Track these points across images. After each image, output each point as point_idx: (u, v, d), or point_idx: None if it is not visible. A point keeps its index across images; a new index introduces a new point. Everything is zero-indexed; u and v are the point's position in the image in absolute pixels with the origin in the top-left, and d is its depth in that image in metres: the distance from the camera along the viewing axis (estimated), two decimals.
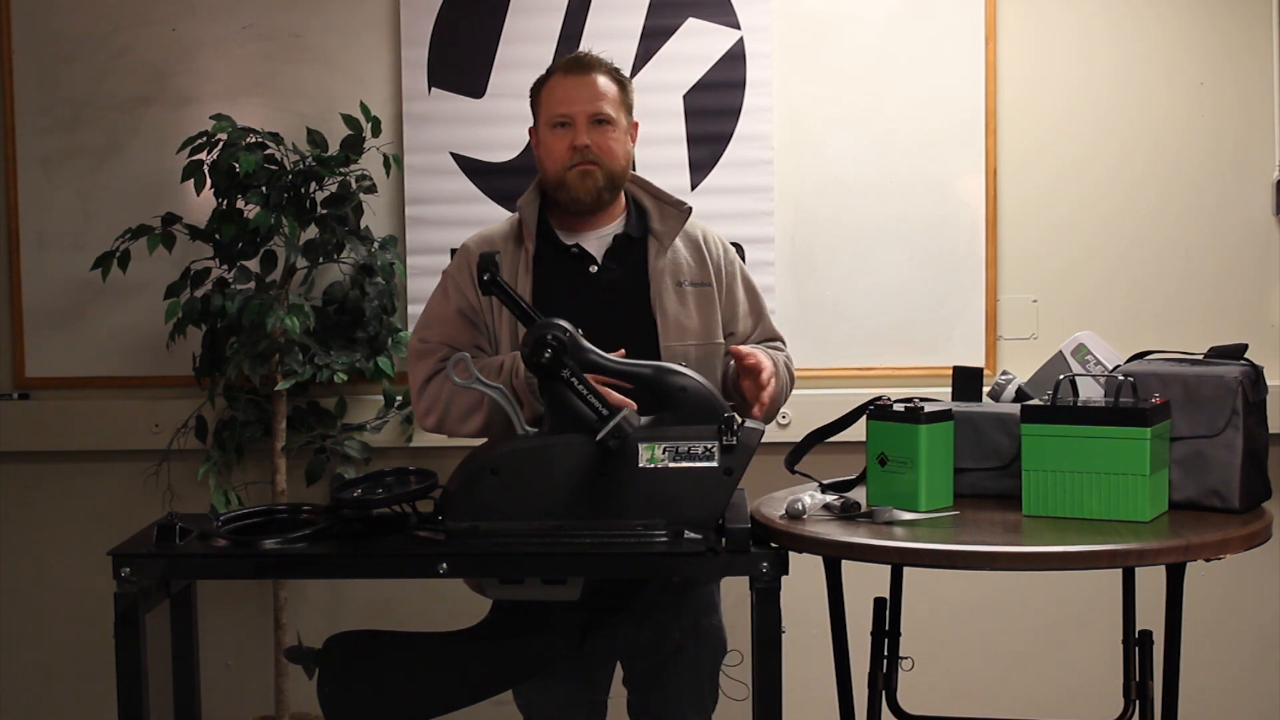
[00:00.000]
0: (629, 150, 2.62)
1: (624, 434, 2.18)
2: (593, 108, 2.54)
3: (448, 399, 2.51)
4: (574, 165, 2.54)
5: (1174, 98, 3.54)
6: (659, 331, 2.54)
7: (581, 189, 2.55)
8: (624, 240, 2.61)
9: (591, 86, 2.55)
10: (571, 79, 2.56)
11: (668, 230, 2.61)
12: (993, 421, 2.36)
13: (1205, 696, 3.46)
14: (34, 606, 3.66)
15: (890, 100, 3.53)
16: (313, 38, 3.56)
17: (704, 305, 2.60)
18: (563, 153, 2.54)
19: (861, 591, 2.56)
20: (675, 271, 2.59)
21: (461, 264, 2.62)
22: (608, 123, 2.55)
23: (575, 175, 2.54)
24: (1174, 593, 2.44)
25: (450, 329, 2.57)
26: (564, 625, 2.32)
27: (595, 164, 2.54)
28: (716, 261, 2.65)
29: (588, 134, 2.53)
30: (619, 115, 2.58)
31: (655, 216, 2.63)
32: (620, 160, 2.58)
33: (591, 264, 2.58)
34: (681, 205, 2.65)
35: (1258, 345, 2.80)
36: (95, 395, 3.59)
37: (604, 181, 2.56)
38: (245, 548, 2.24)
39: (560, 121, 2.55)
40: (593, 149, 2.53)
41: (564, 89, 2.56)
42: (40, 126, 3.57)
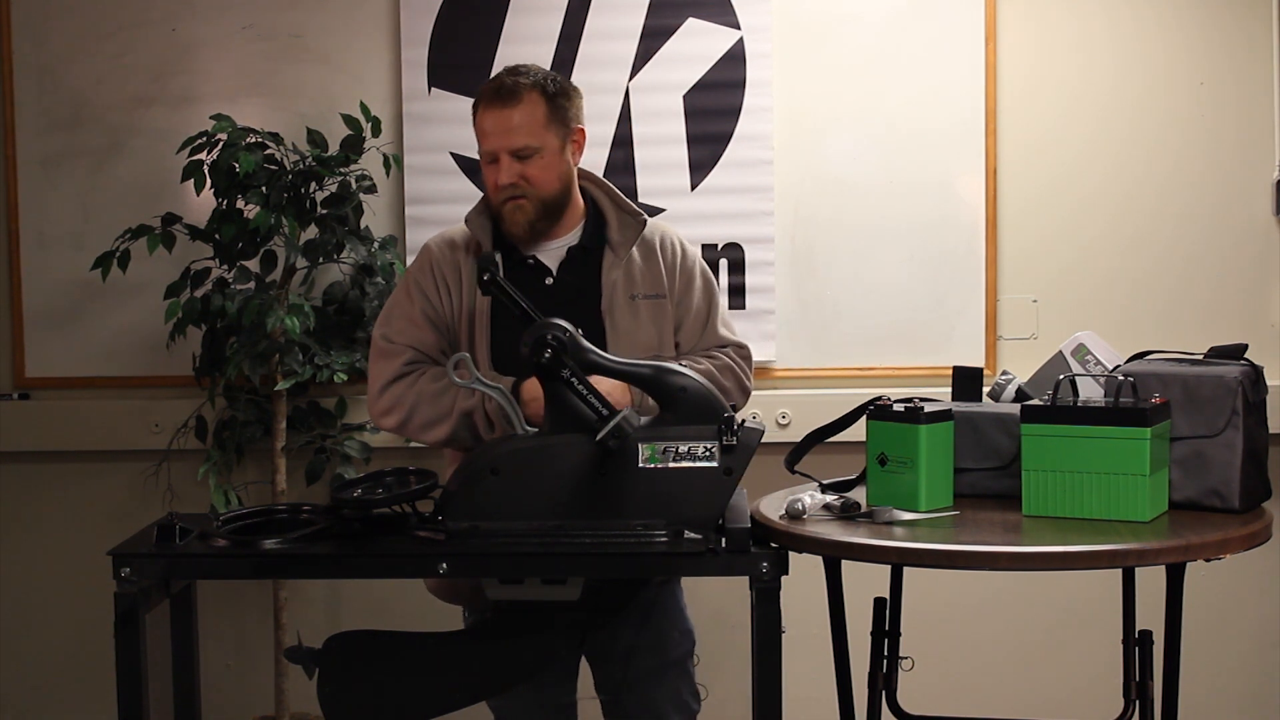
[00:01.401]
0: (565, 169, 2.56)
1: (624, 434, 2.18)
2: (513, 143, 2.49)
3: (413, 404, 2.50)
4: (505, 200, 2.52)
5: (1174, 98, 3.54)
6: (608, 343, 2.52)
7: (514, 223, 2.54)
8: (579, 251, 2.59)
9: (510, 120, 2.49)
10: (493, 112, 2.51)
11: (624, 240, 2.59)
12: (993, 421, 2.36)
13: (1205, 696, 3.46)
14: (34, 606, 3.66)
15: (890, 100, 3.53)
16: (313, 38, 3.56)
17: (657, 317, 2.58)
18: (493, 187, 2.53)
19: (861, 591, 2.56)
20: (629, 284, 2.57)
21: (424, 265, 2.60)
22: (533, 153, 2.50)
23: (509, 210, 2.53)
24: (1174, 593, 2.44)
25: (415, 331, 2.56)
26: (564, 625, 2.32)
27: (524, 197, 2.51)
28: (671, 269, 2.61)
29: (511, 170, 2.50)
30: (546, 139, 2.51)
31: (614, 225, 2.60)
32: (553, 185, 2.53)
33: (547, 276, 2.58)
34: (638, 215, 2.62)
35: (1258, 345, 2.80)
36: (95, 395, 3.59)
37: (535, 213, 2.53)
38: (245, 548, 2.24)
39: (488, 159, 2.53)
40: (519, 184, 2.51)
41: (488, 122, 2.52)
42: (40, 126, 3.57)
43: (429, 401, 2.49)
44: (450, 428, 2.49)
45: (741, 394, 2.62)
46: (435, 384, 2.50)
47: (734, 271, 3.52)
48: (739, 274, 3.51)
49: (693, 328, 2.62)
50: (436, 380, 2.51)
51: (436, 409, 2.48)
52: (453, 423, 2.48)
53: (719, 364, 2.59)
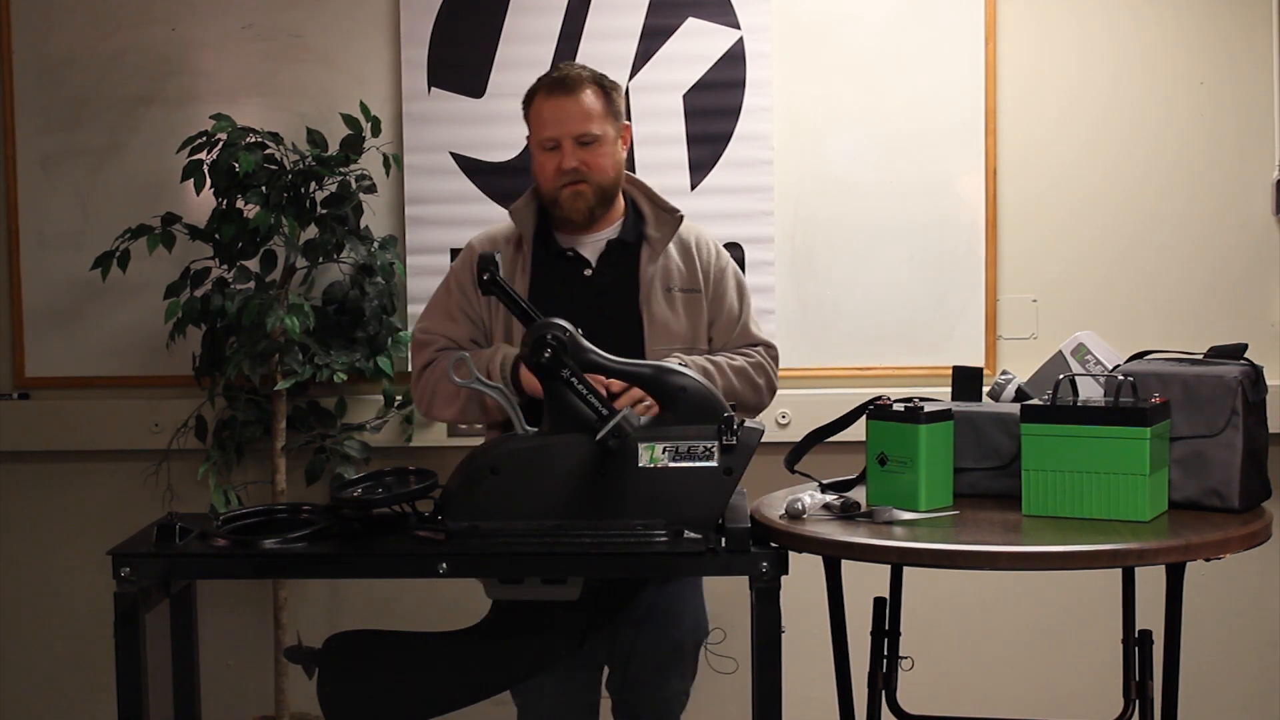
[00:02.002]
0: (619, 159, 2.67)
1: (624, 434, 2.19)
2: (577, 129, 2.59)
3: (434, 386, 2.61)
4: (564, 185, 2.61)
5: (1174, 98, 3.54)
6: (645, 335, 2.60)
7: (573, 209, 2.62)
8: (618, 245, 2.67)
9: (575, 106, 2.59)
10: (555, 100, 2.61)
11: (661, 236, 2.68)
12: (993, 421, 2.36)
13: (1205, 696, 3.46)
14: (34, 606, 3.66)
15: (890, 100, 3.53)
16: (313, 38, 3.56)
17: (691, 310, 2.66)
18: (553, 173, 2.61)
19: (861, 591, 2.56)
20: (666, 277, 2.66)
21: (465, 262, 2.70)
22: (594, 140, 2.60)
23: (567, 196, 2.61)
24: (1174, 593, 2.44)
25: (449, 324, 2.66)
26: (564, 625, 2.32)
27: (584, 182, 2.60)
28: (706, 267, 2.70)
29: (574, 155, 2.59)
30: (605, 128, 2.62)
31: (651, 222, 2.69)
32: (610, 173, 2.63)
33: (586, 268, 2.66)
34: (675, 212, 2.70)
35: (1258, 345, 2.80)
36: (95, 395, 3.59)
37: (595, 198, 2.62)
38: (245, 548, 2.24)
39: (548, 145, 2.61)
40: (581, 169, 2.60)
41: (549, 110, 2.61)
42: (40, 126, 3.57)
43: (444, 378, 2.56)
44: (460, 403, 2.57)
45: (769, 393, 2.71)
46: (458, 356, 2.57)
47: None
48: None
49: (726, 325, 2.70)
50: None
51: (449, 388, 2.56)
52: (462, 398, 2.56)
53: (753, 362, 2.68)
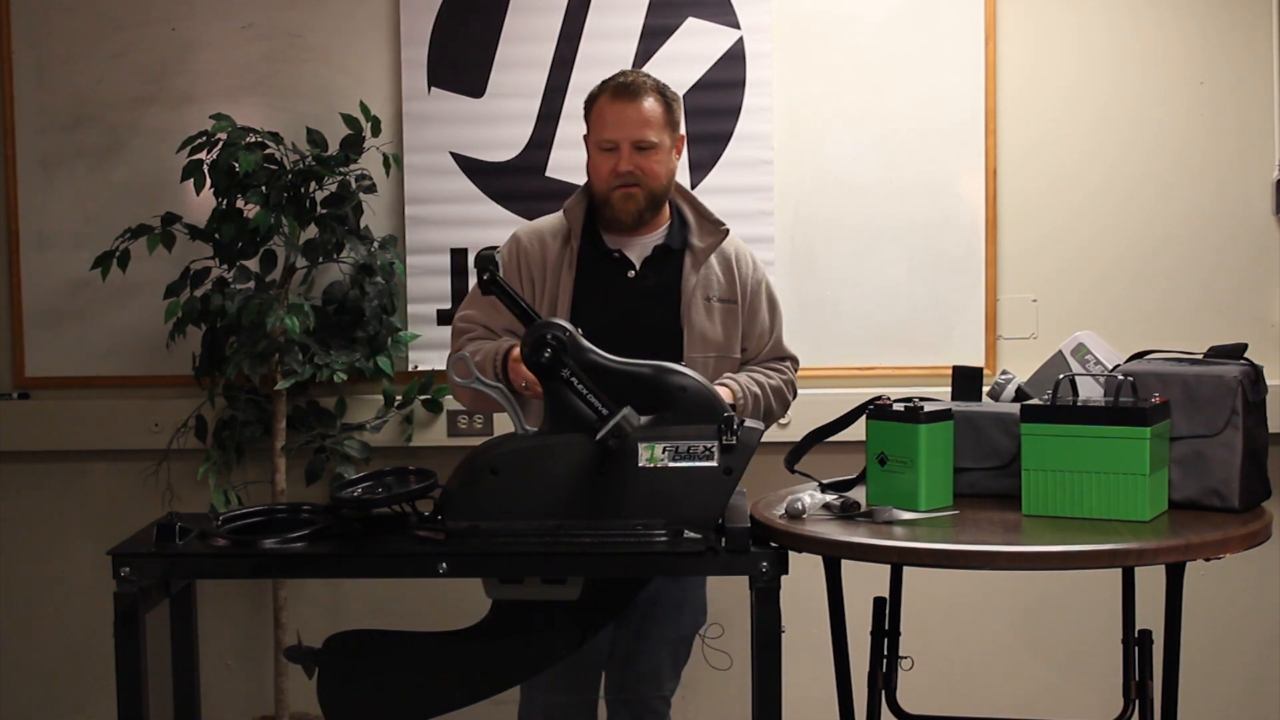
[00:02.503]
0: (672, 167, 2.74)
1: (624, 434, 2.19)
2: (637, 134, 2.66)
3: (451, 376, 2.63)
4: (617, 187, 2.68)
5: (1174, 97, 3.54)
6: (685, 341, 2.67)
7: (624, 210, 2.69)
8: (663, 251, 2.74)
9: (637, 112, 2.66)
10: (618, 104, 2.68)
11: (705, 247, 2.75)
12: (992, 421, 2.36)
13: (1205, 696, 3.46)
14: (34, 606, 3.66)
15: (890, 100, 3.53)
16: (313, 38, 3.56)
17: (728, 321, 2.74)
18: (608, 174, 2.68)
19: (861, 591, 2.56)
20: (706, 287, 2.73)
21: (510, 252, 2.76)
22: (651, 147, 2.67)
23: (619, 197, 2.69)
24: (1174, 592, 2.44)
25: (491, 311, 2.69)
26: (564, 625, 2.32)
27: (638, 185, 2.67)
28: (745, 280, 2.78)
29: (631, 159, 2.66)
30: (663, 137, 2.68)
31: (695, 232, 2.76)
32: (662, 180, 2.71)
33: (630, 269, 2.72)
34: (720, 225, 2.78)
35: (1258, 345, 2.80)
36: (95, 395, 3.59)
37: (645, 202, 2.69)
38: (245, 548, 2.24)
39: (606, 146, 2.68)
40: (635, 173, 2.67)
41: (611, 113, 2.68)
42: (40, 126, 3.57)
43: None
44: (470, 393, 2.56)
45: (786, 408, 2.83)
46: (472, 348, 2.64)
47: None
48: None
49: (759, 339, 2.80)
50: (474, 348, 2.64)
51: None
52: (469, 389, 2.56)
53: (785, 379, 2.79)
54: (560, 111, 3.50)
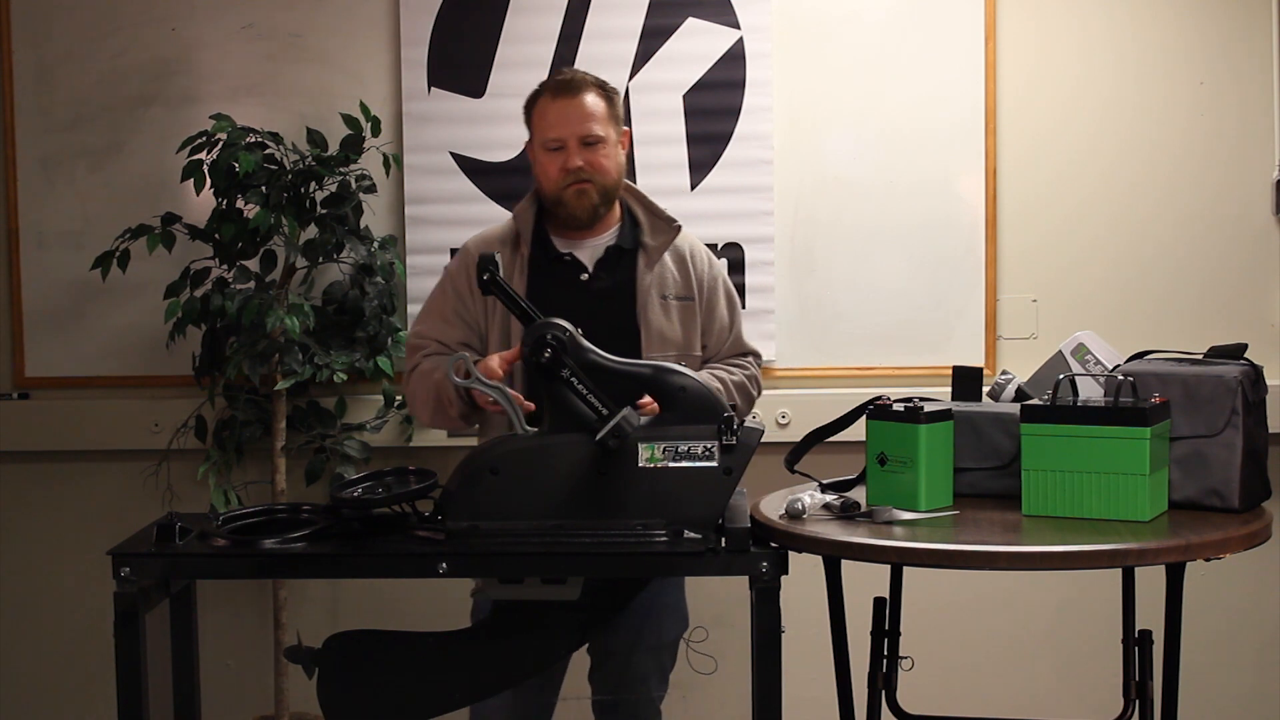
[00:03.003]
0: (621, 161, 2.72)
1: (624, 434, 2.19)
2: (583, 130, 2.64)
3: (413, 392, 2.68)
4: (569, 185, 2.66)
5: (1174, 97, 3.54)
6: (642, 341, 2.65)
7: (578, 207, 2.67)
8: (615, 251, 2.72)
9: (580, 108, 2.65)
10: (560, 102, 2.66)
11: (658, 244, 2.72)
12: (992, 421, 2.36)
13: (1205, 696, 3.46)
14: (34, 606, 3.66)
15: (890, 100, 3.53)
16: (313, 38, 3.56)
17: (686, 318, 2.71)
18: (557, 173, 2.66)
19: (861, 591, 2.56)
20: (661, 285, 2.70)
21: (461, 265, 2.74)
22: (598, 141, 2.65)
23: (571, 194, 2.66)
24: (1174, 593, 2.44)
25: (443, 326, 2.70)
26: (564, 625, 2.32)
27: (589, 182, 2.66)
28: (700, 276, 2.75)
29: (579, 155, 2.64)
30: (609, 130, 2.68)
31: (647, 230, 2.74)
32: (613, 174, 2.69)
33: (583, 272, 2.70)
34: (672, 222, 2.75)
35: (1258, 345, 2.79)
36: (95, 395, 3.59)
37: (599, 197, 2.68)
38: (245, 548, 2.24)
39: (553, 146, 2.65)
40: (586, 169, 2.65)
41: (554, 112, 2.66)
42: (40, 126, 3.57)
43: (421, 382, 2.65)
44: (430, 409, 2.64)
45: (751, 404, 2.80)
46: (429, 365, 2.66)
47: (734, 271, 3.51)
48: (739, 274, 3.51)
49: (719, 335, 2.78)
50: (432, 364, 2.65)
51: (424, 389, 2.64)
52: (432, 404, 2.63)
53: (748, 375, 2.78)
54: None
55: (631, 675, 2.77)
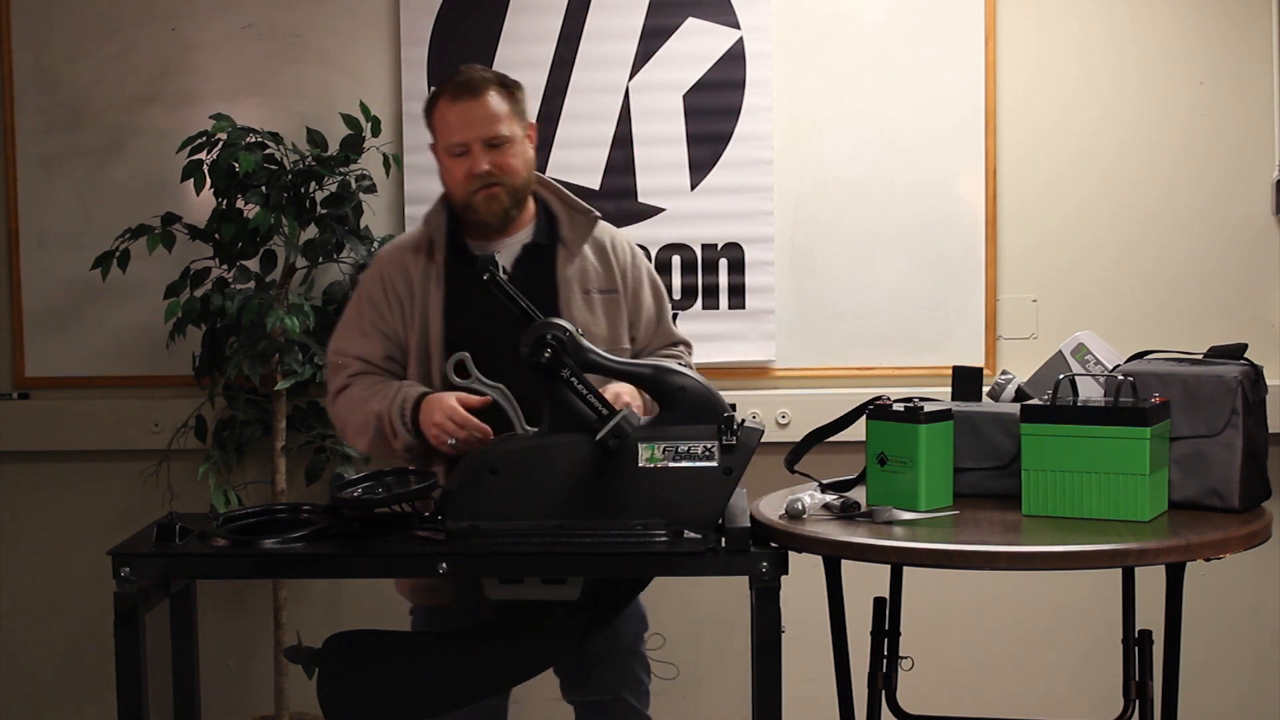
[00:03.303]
0: (529, 158, 2.63)
1: (624, 434, 2.19)
2: (487, 132, 2.54)
3: (345, 416, 2.60)
4: (477, 190, 2.56)
5: (1174, 97, 3.54)
6: None
7: (488, 212, 2.58)
8: (533, 249, 2.63)
9: (482, 109, 2.55)
10: (461, 104, 2.55)
11: (576, 237, 2.64)
12: (992, 421, 2.36)
13: (1205, 696, 3.46)
14: (34, 606, 3.66)
15: (890, 100, 3.53)
16: (313, 38, 3.56)
17: (611, 311, 2.64)
18: (464, 178, 2.56)
19: (861, 591, 2.56)
20: (583, 279, 2.63)
21: (375, 276, 2.66)
22: (505, 142, 2.56)
23: (481, 200, 2.57)
24: (1174, 593, 2.44)
25: (362, 343, 2.61)
26: (564, 625, 2.32)
27: (498, 185, 2.56)
28: (623, 267, 2.68)
29: (485, 158, 2.55)
30: (514, 129, 2.58)
31: (564, 223, 2.66)
32: (522, 173, 2.60)
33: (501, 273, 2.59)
34: (590, 212, 2.68)
35: (1258, 345, 2.79)
36: (95, 395, 3.59)
37: (509, 200, 2.59)
38: (245, 548, 2.24)
39: (457, 151, 2.56)
40: (494, 172, 2.55)
41: (455, 115, 2.56)
42: (40, 126, 3.57)
43: (355, 409, 2.56)
44: (370, 438, 2.56)
45: None
46: (363, 392, 2.57)
47: (734, 271, 3.52)
48: (739, 274, 3.51)
49: (648, 328, 2.71)
50: (364, 389, 2.57)
51: (359, 419, 2.56)
52: (371, 433, 2.55)
53: (683, 364, 2.64)
54: (560, 111, 3.50)
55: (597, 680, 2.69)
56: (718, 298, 3.52)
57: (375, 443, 2.55)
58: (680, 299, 3.52)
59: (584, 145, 3.51)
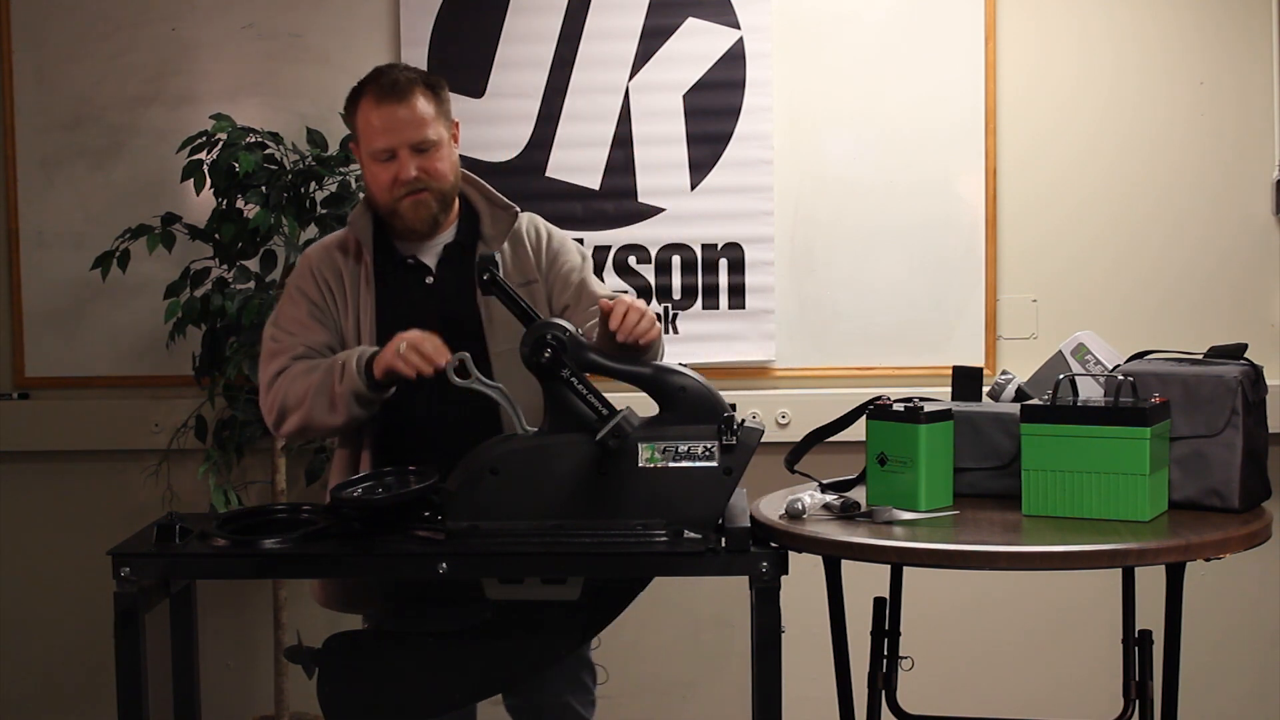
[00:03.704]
0: (455, 160, 2.57)
1: (624, 434, 2.18)
2: (414, 137, 2.48)
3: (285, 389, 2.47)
4: (404, 196, 2.49)
5: (1174, 97, 3.54)
6: (485, 336, 2.52)
7: (415, 219, 2.52)
8: (456, 249, 2.59)
9: (408, 113, 2.47)
10: (385, 108, 2.47)
11: (497, 234, 2.59)
12: (992, 421, 2.36)
13: (1205, 696, 3.46)
14: (34, 606, 3.66)
15: (890, 100, 3.53)
16: (313, 38, 3.56)
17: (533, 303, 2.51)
18: (390, 183, 2.49)
19: (861, 591, 2.56)
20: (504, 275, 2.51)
21: (304, 271, 2.59)
22: (432, 146, 2.49)
23: (408, 206, 2.50)
24: (1174, 593, 2.44)
25: (306, 332, 2.54)
26: (564, 625, 2.32)
27: (426, 190, 2.50)
28: (537, 250, 2.62)
29: (412, 163, 2.48)
30: (440, 131, 2.51)
31: (486, 220, 2.61)
32: (449, 177, 2.54)
33: (428, 275, 2.57)
34: (510, 207, 2.62)
35: (1258, 345, 2.79)
36: (95, 395, 3.59)
37: (438, 205, 2.53)
38: (245, 548, 2.24)
39: (383, 156, 2.49)
40: (421, 178, 2.49)
41: (380, 119, 2.48)
42: (40, 126, 3.57)
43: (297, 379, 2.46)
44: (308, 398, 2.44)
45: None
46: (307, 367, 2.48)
47: (734, 271, 3.52)
48: (739, 274, 3.51)
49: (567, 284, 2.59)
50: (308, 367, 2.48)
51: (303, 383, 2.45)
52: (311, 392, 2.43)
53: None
54: (560, 112, 3.50)
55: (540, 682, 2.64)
56: (718, 298, 3.52)
57: (313, 405, 2.42)
58: (680, 299, 3.52)
59: (584, 145, 3.51)
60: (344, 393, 2.40)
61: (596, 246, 3.52)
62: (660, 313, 3.53)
